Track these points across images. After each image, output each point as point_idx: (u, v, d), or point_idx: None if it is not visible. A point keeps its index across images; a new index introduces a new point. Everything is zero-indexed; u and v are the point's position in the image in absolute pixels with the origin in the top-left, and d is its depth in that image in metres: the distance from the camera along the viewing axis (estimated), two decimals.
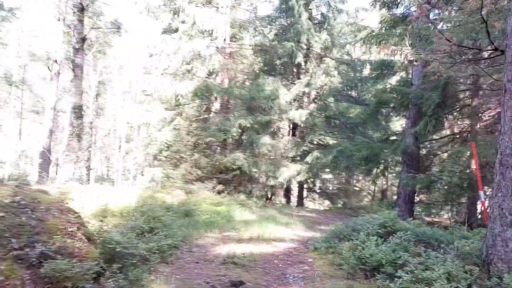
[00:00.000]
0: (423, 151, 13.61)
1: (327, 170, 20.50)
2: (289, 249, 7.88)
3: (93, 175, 36.05)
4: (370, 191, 27.52)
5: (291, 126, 20.01)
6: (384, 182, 22.92)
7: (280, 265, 6.56)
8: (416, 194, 12.33)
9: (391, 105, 13.25)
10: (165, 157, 17.87)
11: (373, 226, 6.97)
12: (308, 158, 17.23)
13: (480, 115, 12.52)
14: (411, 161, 11.98)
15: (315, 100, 18.76)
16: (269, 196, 19.16)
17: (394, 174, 21.68)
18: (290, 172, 17.07)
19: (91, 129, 33.25)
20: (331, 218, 14.12)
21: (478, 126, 12.33)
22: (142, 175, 19.11)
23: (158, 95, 18.85)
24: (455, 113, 12.77)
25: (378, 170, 14.83)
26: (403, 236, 5.96)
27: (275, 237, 8.95)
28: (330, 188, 24.93)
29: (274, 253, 7.34)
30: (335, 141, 18.49)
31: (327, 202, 27.23)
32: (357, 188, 28.03)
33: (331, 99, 19.02)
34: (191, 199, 12.21)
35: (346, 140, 16.88)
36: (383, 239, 6.48)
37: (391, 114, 15.59)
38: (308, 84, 17.58)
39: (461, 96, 12.73)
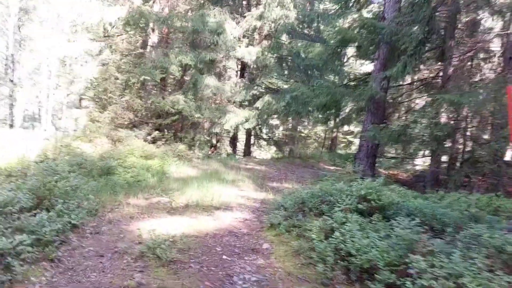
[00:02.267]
0: (389, 98, 11.88)
1: (275, 116, 18.53)
2: (237, 223, 5.83)
3: (21, 115, 31.86)
4: (316, 138, 26.17)
5: (240, 67, 17.55)
6: (334, 130, 21.42)
7: (225, 256, 4.50)
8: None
9: (356, 44, 11.21)
10: (91, 98, 14.93)
11: (350, 198, 5.03)
12: (259, 104, 15.04)
13: (451, 58, 10.83)
14: (376, 109, 10.17)
15: (267, 37, 16.28)
16: (213, 145, 16.99)
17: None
18: (237, 118, 14.87)
19: (12, 63, 28.73)
20: (282, 171, 12.27)
21: (451, 70, 10.68)
22: (60, 118, 16.15)
23: (82, 23, 15.49)
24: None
25: (338, 120, 13.00)
26: (409, 224, 3.99)
27: (218, 202, 6.86)
28: (276, 134, 23.18)
29: (216, 234, 5.25)
30: (288, 86, 16.36)
31: (273, 149, 25.71)
32: (303, 135, 26.61)
33: (284, 37, 16.66)
34: (116, 150, 9.73)
35: (301, 84, 14.78)
36: (367, 219, 4.59)
37: (352, 55, 13.52)
38: (260, 17, 15.00)
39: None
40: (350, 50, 16.13)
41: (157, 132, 13.51)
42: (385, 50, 10.16)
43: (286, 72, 16.68)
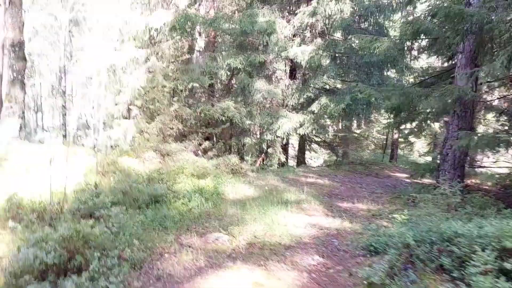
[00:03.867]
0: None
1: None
2: (319, 277, 4.44)
3: (74, 124, 32.19)
4: (372, 140, 24.21)
5: (290, 67, 16.12)
6: (395, 132, 19.45)
7: None
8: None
9: (432, 37, 9.48)
10: (138, 107, 14.08)
11: (485, 247, 3.51)
12: (314, 107, 13.55)
13: None
14: (464, 112, 8.42)
15: (321, 35, 14.75)
16: (265, 152, 15.68)
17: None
18: (291, 123, 13.48)
19: (64, 74, 28.94)
20: (347, 183, 10.77)
21: None
22: (109, 128, 15.47)
23: (128, 31, 14.69)
24: None
25: (414, 124, 11.27)
26: None
27: (287, 236, 5.54)
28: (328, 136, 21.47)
29: None
30: (345, 86, 14.76)
31: (325, 152, 24.10)
32: (356, 135, 24.72)
33: (339, 34, 15.08)
34: (165, 168, 8.65)
35: (362, 84, 13.16)
36: None
37: (425, 50, 11.70)
38: (313, 13, 13.49)
39: None
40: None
41: (207, 142, 12.40)
42: (472, 42, 8.38)
43: (342, 71, 15.04)
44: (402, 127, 13.12)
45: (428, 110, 9.45)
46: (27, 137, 26.46)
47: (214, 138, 13.75)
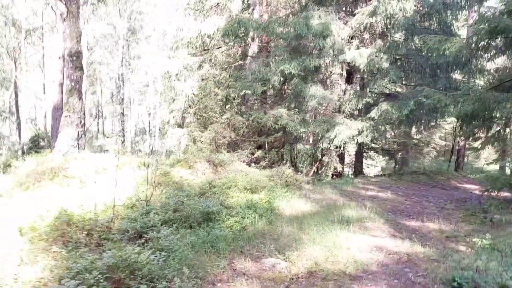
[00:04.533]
0: None
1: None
2: None
3: (132, 130, 33.24)
4: (436, 146, 22.66)
5: (347, 71, 15.35)
6: (462, 138, 17.96)
7: None
8: None
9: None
10: (192, 115, 14.00)
11: None
12: (374, 113, 12.70)
13: None
14: None
15: (381, 36, 13.89)
16: (319, 160, 14.99)
17: None
18: (349, 131, 12.71)
19: (122, 81, 29.94)
20: (412, 196, 9.90)
21: None
22: (164, 136, 15.53)
23: (182, 38, 14.70)
24: None
25: (490, 133, 10.18)
26: None
27: (352, 264, 4.93)
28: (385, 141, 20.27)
29: None
30: (408, 91, 13.78)
31: (382, 158, 22.91)
32: (415, 141, 23.22)
33: (399, 34, 14.13)
34: (217, 180, 8.31)
35: (428, 88, 12.18)
36: None
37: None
38: (373, 13, 12.68)
39: None
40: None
41: (259, 151, 11.99)
42: None
43: (403, 74, 14.07)
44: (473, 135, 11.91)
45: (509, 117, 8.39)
46: (89, 142, 27.67)
47: (266, 147, 13.30)
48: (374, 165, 23.61)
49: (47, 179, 8.57)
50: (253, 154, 11.86)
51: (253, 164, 11.09)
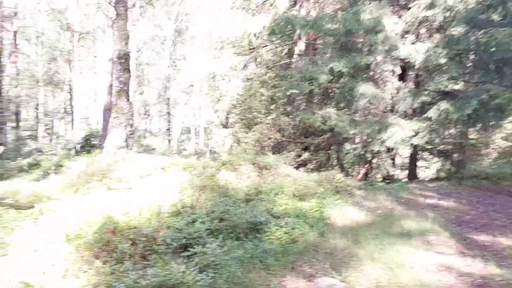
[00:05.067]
0: None
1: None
2: None
3: (179, 129, 33.68)
4: (496, 147, 21.01)
5: (401, 68, 14.40)
6: None
7: None
8: None
9: None
10: (236, 116, 13.70)
11: None
12: (432, 113, 11.73)
13: None
14: None
15: (440, 30, 12.88)
16: (369, 163, 14.20)
17: None
18: (403, 132, 11.86)
19: (168, 82, 30.33)
20: (476, 205, 8.99)
21: None
22: (209, 136, 15.35)
23: (227, 38, 14.43)
24: None
25: None
26: None
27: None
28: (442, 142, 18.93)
29: None
30: (470, 88, 12.69)
31: (437, 159, 21.52)
32: (473, 141, 21.61)
33: (459, 28, 13.02)
34: (264, 184, 7.90)
35: (489, 84, 11.13)
36: None
37: None
38: (431, 5, 11.73)
39: None
40: None
41: (306, 153, 11.45)
42: None
43: (464, 71, 12.98)
44: None
45: None
46: (137, 141, 28.26)
47: (312, 148, 12.74)
48: (426, 167, 22.30)
49: (96, 181, 8.55)
50: (299, 156, 11.37)
51: (299, 167, 10.58)
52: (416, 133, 11.98)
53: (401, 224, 6.71)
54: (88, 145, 19.57)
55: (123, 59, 11.08)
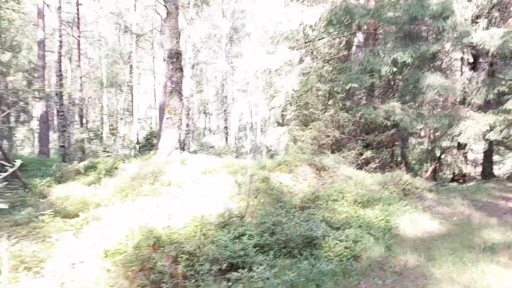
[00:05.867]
0: None
1: None
2: None
3: (236, 126, 33.64)
4: None
5: (471, 57, 12.90)
6: None
7: None
8: None
9: None
10: (293, 112, 13.00)
11: None
12: (510, 104, 10.32)
13: None
14: None
15: None
16: (437, 160, 12.88)
17: None
18: (478, 126, 10.58)
19: (225, 79, 30.25)
20: None
21: None
22: (264, 134, 14.78)
23: (282, 33, 13.76)
24: None
25: None
26: None
27: None
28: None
29: None
30: None
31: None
32: None
33: None
34: (322, 188, 7.20)
35: None
36: None
37: None
38: None
39: None
40: None
41: (368, 152, 10.52)
42: None
43: None
44: None
45: None
46: (196, 139, 28.50)
47: (374, 146, 11.73)
48: (501, 162, 20.18)
49: (148, 184, 8.32)
50: (361, 154, 10.47)
51: (361, 167, 9.70)
52: (492, 127, 10.61)
53: (482, 235, 5.74)
54: (149, 144, 19.94)
55: (175, 58, 10.82)
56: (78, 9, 16.72)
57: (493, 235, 5.75)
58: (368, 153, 10.50)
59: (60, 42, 14.85)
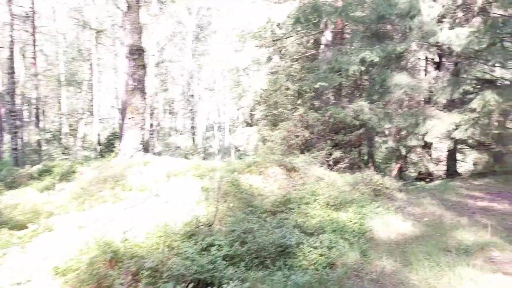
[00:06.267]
0: None
1: None
2: None
3: (203, 125, 32.99)
4: None
5: (437, 56, 13.05)
6: None
7: None
8: None
9: None
10: (262, 112, 12.73)
11: None
12: (475, 104, 10.46)
13: None
14: None
15: (480, 13, 11.51)
16: (404, 157, 12.98)
17: None
18: (444, 125, 10.66)
19: (191, 78, 29.61)
20: None
21: None
22: (233, 135, 14.43)
23: (249, 31, 13.45)
24: None
25: None
26: None
27: None
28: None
29: None
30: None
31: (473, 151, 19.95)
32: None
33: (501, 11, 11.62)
34: (294, 191, 6.94)
35: None
36: None
37: None
38: None
39: None
40: None
41: (338, 151, 10.40)
42: None
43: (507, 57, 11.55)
44: None
45: None
46: (161, 139, 27.67)
47: (343, 145, 11.64)
48: (462, 160, 20.74)
49: (108, 189, 7.80)
50: (330, 154, 10.32)
51: (330, 167, 9.54)
52: (458, 126, 10.74)
53: (455, 236, 5.65)
54: (111, 145, 19.08)
55: (137, 55, 10.25)
56: (33, 3, 15.70)
57: (465, 236, 5.66)
58: (337, 153, 10.37)
59: (12, 37, 13.88)
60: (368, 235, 5.56)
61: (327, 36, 12.66)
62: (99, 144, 20.20)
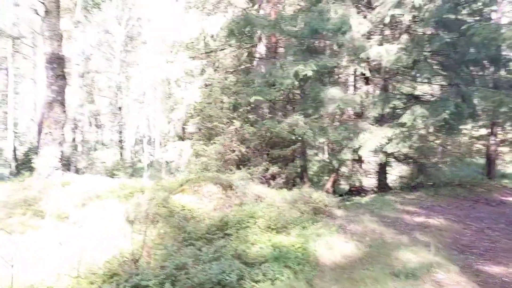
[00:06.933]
0: None
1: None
2: None
3: (132, 138, 31.24)
4: (460, 148, 20.49)
5: (368, 71, 13.33)
6: (493, 139, 15.64)
7: None
8: None
9: None
10: (196, 125, 12.04)
11: None
12: (405, 118, 10.69)
13: None
14: None
15: (408, 31, 11.93)
16: (336, 172, 12.96)
17: None
18: (376, 139, 10.76)
19: (120, 90, 28.02)
20: (465, 219, 7.98)
21: None
22: (164, 149, 13.54)
23: (181, 42, 12.77)
24: None
25: None
26: None
27: None
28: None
29: None
30: (441, 91, 11.81)
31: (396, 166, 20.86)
32: (434, 144, 20.98)
33: (425, 29, 12.18)
34: (231, 212, 6.37)
35: (465, 88, 10.26)
36: None
37: None
38: (398, 4, 10.74)
39: None
40: None
41: (274, 166, 10.03)
42: None
43: (434, 73, 12.09)
44: None
45: None
46: (86, 154, 25.62)
47: (280, 160, 11.33)
48: (388, 173, 21.58)
49: (18, 215, 6.68)
50: (267, 170, 9.91)
51: (270, 183, 9.12)
52: (390, 140, 10.92)
53: (399, 256, 5.43)
54: (29, 162, 17.15)
55: (56, 64, 9.14)
56: None
57: (409, 257, 5.48)
58: (273, 168, 9.99)
59: None
60: (312, 261, 5.13)
61: (261, 49, 12.40)
62: (16, 160, 18.09)
